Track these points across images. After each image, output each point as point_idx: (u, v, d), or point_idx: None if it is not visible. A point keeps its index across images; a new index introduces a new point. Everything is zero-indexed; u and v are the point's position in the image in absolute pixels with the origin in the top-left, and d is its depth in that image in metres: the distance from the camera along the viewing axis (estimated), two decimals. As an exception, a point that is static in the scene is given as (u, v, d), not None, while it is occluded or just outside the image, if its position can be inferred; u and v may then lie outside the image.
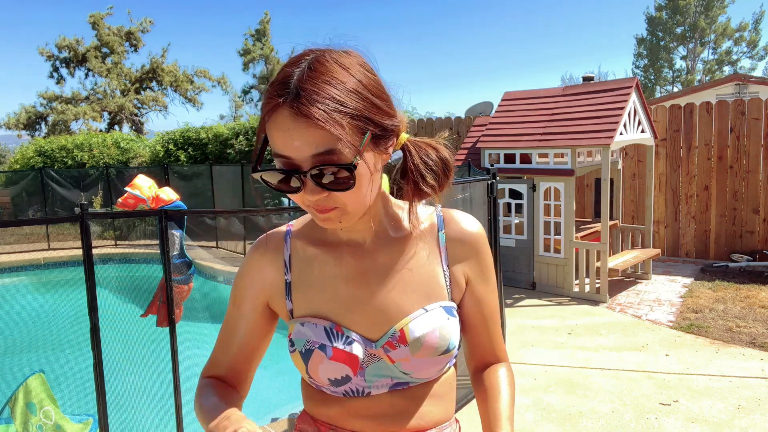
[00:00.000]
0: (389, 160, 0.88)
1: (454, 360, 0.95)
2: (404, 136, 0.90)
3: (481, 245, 0.96)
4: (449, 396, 0.95)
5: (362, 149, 0.77)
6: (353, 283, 0.91)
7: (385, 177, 0.93)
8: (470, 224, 0.96)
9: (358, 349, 0.88)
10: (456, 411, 3.01)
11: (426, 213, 0.97)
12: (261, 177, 0.79)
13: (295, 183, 0.78)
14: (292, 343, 0.91)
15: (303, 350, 0.89)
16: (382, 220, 0.93)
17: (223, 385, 0.95)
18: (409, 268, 0.91)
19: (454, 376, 0.98)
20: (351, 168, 0.76)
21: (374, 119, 0.79)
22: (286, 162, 0.77)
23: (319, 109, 0.73)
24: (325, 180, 0.76)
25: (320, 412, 0.95)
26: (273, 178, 0.79)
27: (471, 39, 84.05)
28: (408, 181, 0.90)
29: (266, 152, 0.82)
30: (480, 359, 1.02)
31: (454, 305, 0.93)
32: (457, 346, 0.91)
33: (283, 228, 0.99)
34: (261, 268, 0.96)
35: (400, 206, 0.96)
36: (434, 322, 0.88)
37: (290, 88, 0.75)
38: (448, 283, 0.93)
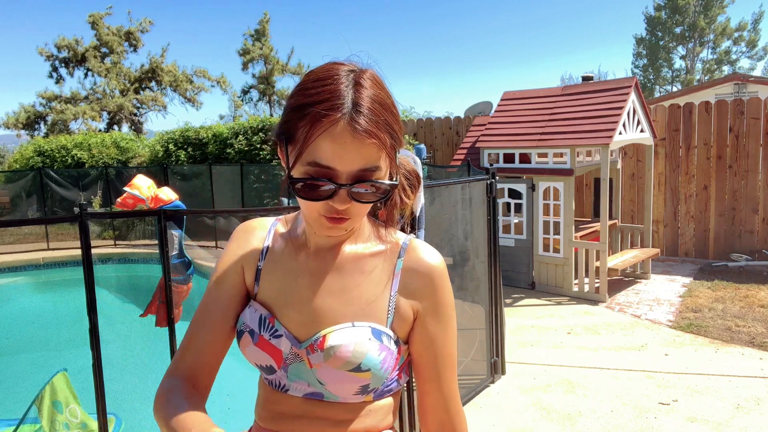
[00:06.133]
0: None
1: (385, 394, 0.93)
2: None
3: (437, 279, 0.93)
4: (368, 419, 0.92)
5: (397, 165, 0.86)
6: (302, 281, 0.94)
7: None
8: (430, 257, 0.94)
9: (282, 344, 0.91)
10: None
11: (394, 237, 0.97)
12: (294, 186, 0.83)
13: (327, 192, 0.81)
14: (238, 320, 0.96)
15: (238, 330, 0.94)
16: (354, 232, 0.96)
17: (186, 390, 0.91)
18: (357, 284, 0.92)
19: (386, 407, 0.94)
20: (395, 185, 0.84)
21: (400, 138, 0.86)
22: (323, 172, 0.80)
23: (376, 126, 0.80)
24: (362, 193, 0.82)
25: (257, 409, 0.99)
26: (305, 187, 0.82)
27: (470, 38, 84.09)
28: (392, 195, 0.96)
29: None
30: (432, 417, 0.97)
31: (389, 332, 0.90)
32: (377, 370, 0.88)
33: (271, 219, 1.04)
34: (246, 251, 0.99)
35: (369, 225, 0.98)
36: (354, 337, 0.87)
37: (346, 104, 0.79)
38: (391, 311, 0.91)
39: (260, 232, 1.01)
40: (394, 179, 0.84)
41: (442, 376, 0.95)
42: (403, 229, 1.03)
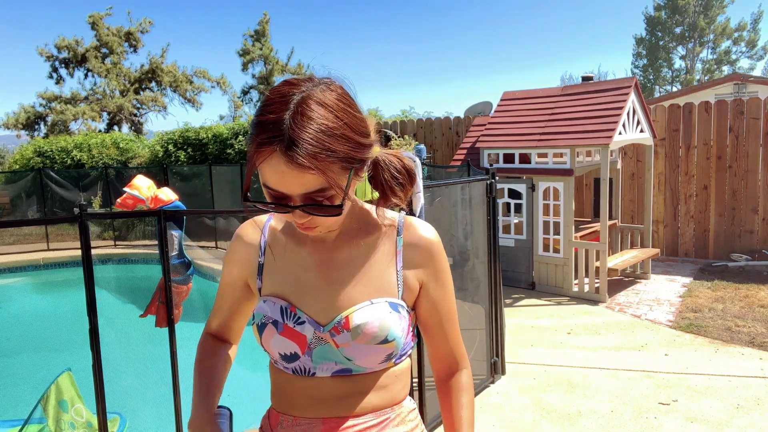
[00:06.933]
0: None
1: (403, 357, 1.03)
2: (376, 150, 0.97)
3: (435, 251, 1.04)
4: (395, 387, 1.02)
5: (348, 188, 0.88)
6: (312, 272, 1.01)
7: (368, 186, 1.01)
8: (426, 231, 1.05)
9: (306, 330, 0.97)
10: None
11: (389, 217, 1.05)
12: (254, 203, 0.88)
13: (284, 209, 0.88)
14: (253, 317, 1.02)
15: (259, 323, 1.00)
16: (348, 221, 1.02)
17: (218, 350, 1.13)
18: (365, 265, 1.01)
19: (406, 370, 1.04)
20: (340, 207, 0.87)
21: (357, 157, 0.88)
22: (274, 193, 0.86)
23: (313, 158, 0.81)
24: (313, 211, 0.87)
25: (275, 398, 1.05)
26: (265, 204, 0.88)
27: (470, 38, 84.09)
28: (378, 190, 1.01)
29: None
30: (441, 362, 1.11)
31: (402, 303, 1.00)
32: (399, 340, 0.97)
33: (265, 217, 1.10)
34: (242, 250, 1.09)
35: (364, 209, 1.05)
36: (376, 313, 0.96)
37: (284, 135, 0.81)
38: (400, 284, 1.01)
39: (256, 230, 1.09)
40: (342, 201, 0.87)
41: (447, 331, 1.08)
42: None
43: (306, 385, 0.99)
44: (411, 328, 1.02)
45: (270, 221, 1.09)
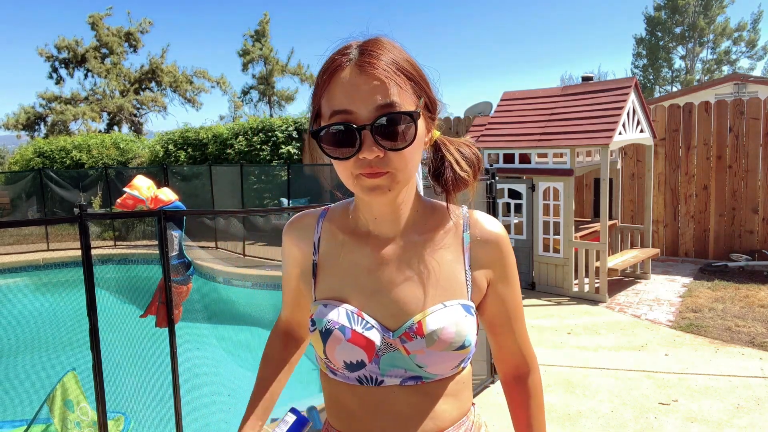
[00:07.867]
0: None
1: (468, 361, 0.97)
2: (436, 133, 0.96)
3: (503, 247, 0.98)
4: (464, 394, 0.97)
5: (420, 108, 0.85)
6: (376, 274, 0.93)
7: None
8: (494, 226, 0.98)
9: (375, 336, 0.89)
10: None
11: (454, 211, 0.99)
12: (320, 143, 0.84)
13: (353, 143, 0.81)
14: (313, 323, 0.93)
15: (323, 329, 0.90)
16: (411, 215, 0.96)
17: (282, 351, 1.13)
18: (432, 265, 0.93)
19: (470, 374, 0.99)
20: (414, 116, 0.82)
21: (425, 89, 0.88)
22: (344, 117, 0.82)
23: (384, 63, 0.82)
24: (386, 135, 0.81)
25: (335, 415, 0.97)
26: (331, 141, 0.83)
27: (470, 38, 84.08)
28: (445, 170, 0.95)
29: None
30: (509, 362, 1.05)
31: (473, 305, 0.94)
32: (472, 345, 0.92)
33: (319, 210, 1.03)
34: (293, 246, 1.02)
35: (428, 205, 0.99)
36: (451, 318, 0.89)
37: (353, 51, 0.84)
38: (468, 283, 0.94)
39: (309, 225, 1.01)
40: (417, 109, 0.84)
41: (515, 329, 1.02)
42: None
43: (372, 396, 0.91)
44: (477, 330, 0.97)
45: (325, 214, 1.02)
